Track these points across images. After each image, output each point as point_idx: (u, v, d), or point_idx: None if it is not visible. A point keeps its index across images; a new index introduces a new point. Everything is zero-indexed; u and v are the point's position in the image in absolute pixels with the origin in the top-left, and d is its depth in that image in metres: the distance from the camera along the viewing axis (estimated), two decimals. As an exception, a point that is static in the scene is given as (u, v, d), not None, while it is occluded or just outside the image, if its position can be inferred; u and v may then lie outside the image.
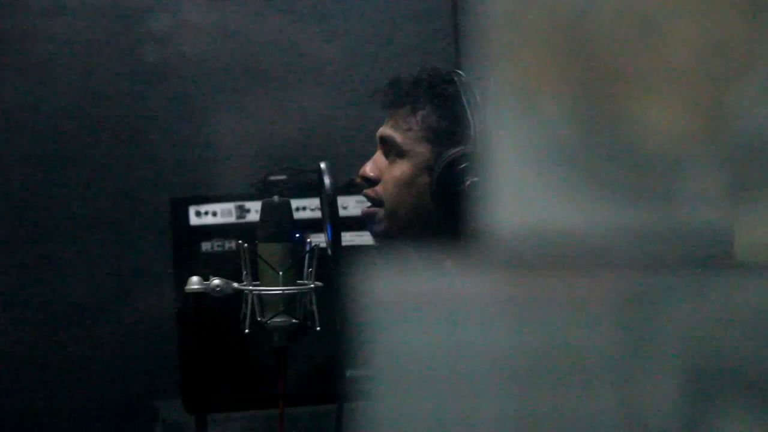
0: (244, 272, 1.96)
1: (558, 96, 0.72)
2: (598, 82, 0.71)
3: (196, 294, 1.97)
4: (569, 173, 0.71)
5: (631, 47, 0.71)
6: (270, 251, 1.95)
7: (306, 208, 3.57)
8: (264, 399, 3.50)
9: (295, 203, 2.00)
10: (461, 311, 0.73)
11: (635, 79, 0.71)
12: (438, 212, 2.01)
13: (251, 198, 3.73)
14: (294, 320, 1.95)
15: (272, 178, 3.84)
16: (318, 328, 1.95)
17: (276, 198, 1.99)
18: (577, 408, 0.73)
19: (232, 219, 3.68)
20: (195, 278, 1.98)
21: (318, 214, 3.60)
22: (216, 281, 1.97)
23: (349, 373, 3.69)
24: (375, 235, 2.11)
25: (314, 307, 1.96)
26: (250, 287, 1.95)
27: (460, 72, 2.05)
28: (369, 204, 2.10)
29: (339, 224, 1.99)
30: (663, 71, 0.70)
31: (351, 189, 3.68)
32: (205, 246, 3.66)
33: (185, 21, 4.02)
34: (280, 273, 1.93)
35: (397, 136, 2.04)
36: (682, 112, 0.70)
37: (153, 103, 4.01)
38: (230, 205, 3.70)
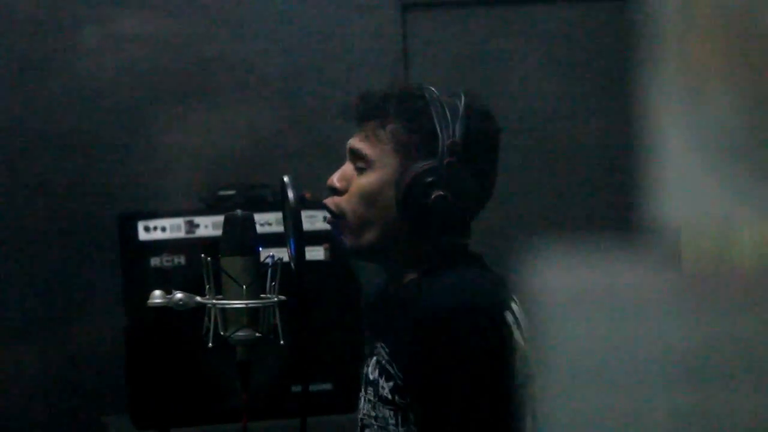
0: (207, 286, 1.95)
1: (727, 88, 0.72)
2: (767, 73, 0.72)
3: (145, 309, 1.96)
4: (738, 166, 0.72)
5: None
6: (233, 265, 1.94)
7: (255, 223, 3.56)
8: (216, 414, 3.49)
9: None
10: (632, 306, 0.73)
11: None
12: (403, 225, 2.02)
13: (200, 213, 3.72)
14: (257, 334, 1.94)
15: (221, 193, 3.83)
16: (282, 342, 1.94)
17: (239, 212, 1.98)
18: (749, 405, 0.73)
19: (181, 234, 3.67)
20: (158, 292, 1.97)
21: (268, 229, 3.61)
22: (179, 295, 1.95)
23: (300, 387, 3.68)
24: (342, 248, 2.11)
25: (278, 321, 1.95)
26: (213, 301, 1.94)
27: (430, 88, 2.07)
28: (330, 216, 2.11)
29: (303, 238, 1.99)
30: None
31: (301, 205, 3.69)
32: (155, 261, 3.65)
33: (133, 35, 4.00)
34: (244, 287, 1.92)
35: (366, 148, 2.05)
36: None
37: (100, 118, 3.99)
38: (179, 221, 3.68)
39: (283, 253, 1.99)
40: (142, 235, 3.65)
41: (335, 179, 2.09)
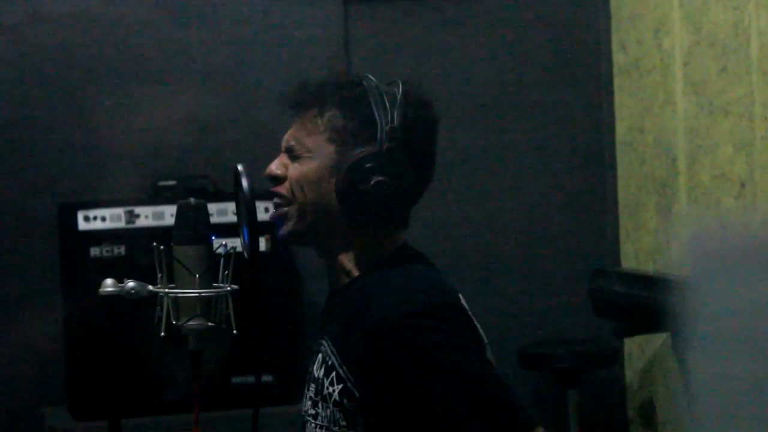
0: (159, 275, 1.93)
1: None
2: None
3: (85, 299, 1.94)
4: None
5: None
6: (186, 254, 1.92)
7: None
8: (157, 405, 3.46)
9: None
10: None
11: None
12: (342, 215, 2.01)
13: (140, 203, 3.70)
14: (210, 323, 1.92)
15: (162, 183, 3.81)
16: (235, 332, 1.92)
17: (192, 200, 1.96)
18: None
19: (121, 224, 3.64)
20: (109, 281, 1.94)
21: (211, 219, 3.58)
22: (131, 284, 1.93)
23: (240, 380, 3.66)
24: (281, 238, 2.10)
25: (230, 310, 1.93)
26: (166, 290, 1.92)
27: (369, 76, 2.06)
28: (278, 202, 2.09)
29: (257, 227, 1.97)
30: None
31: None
32: (94, 251, 3.61)
33: (73, 21, 3.96)
34: (197, 276, 1.90)
35: (302, 139, 2.04)
36: None
37: (39, 106, 3.93)
38: (119, 210, 3.66)
39: (227, 244, 1.97)
40: (82, 225, 3.62)
41: (273, 167, 2.08)
